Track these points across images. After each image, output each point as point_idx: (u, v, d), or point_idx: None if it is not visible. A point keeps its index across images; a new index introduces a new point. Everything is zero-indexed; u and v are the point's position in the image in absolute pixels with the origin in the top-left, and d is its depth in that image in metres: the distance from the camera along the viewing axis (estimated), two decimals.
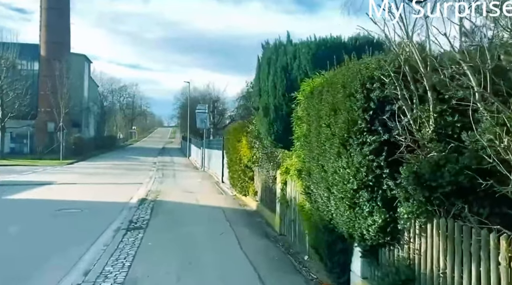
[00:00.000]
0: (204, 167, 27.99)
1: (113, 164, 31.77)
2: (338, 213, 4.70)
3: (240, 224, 9.64)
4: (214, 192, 16.43)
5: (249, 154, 11.78)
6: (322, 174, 4.97)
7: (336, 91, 4.50)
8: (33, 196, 13.66)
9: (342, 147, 4.30)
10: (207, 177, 23.24)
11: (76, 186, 17.47)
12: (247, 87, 49.27)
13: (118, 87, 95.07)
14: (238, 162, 12.99)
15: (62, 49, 43.97)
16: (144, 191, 15.49)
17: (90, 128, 63.36)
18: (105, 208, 11.76)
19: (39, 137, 41.30)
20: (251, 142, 11.56)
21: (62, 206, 11.64)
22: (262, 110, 7.90)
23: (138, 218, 9.89)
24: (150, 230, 8.73)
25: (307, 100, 5.76)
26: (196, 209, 11.51)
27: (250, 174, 12.28)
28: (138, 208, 11.30)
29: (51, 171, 25.60)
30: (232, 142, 13.83)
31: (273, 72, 7.65)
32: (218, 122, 47.10)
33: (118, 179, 20.38)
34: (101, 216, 10.39)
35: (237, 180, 13.46)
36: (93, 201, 12.87)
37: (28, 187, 16.06)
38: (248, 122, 11.95)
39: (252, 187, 12.15)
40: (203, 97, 48.27)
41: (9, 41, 35.40)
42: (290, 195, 8.24)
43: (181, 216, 10.30)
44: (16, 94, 33.83)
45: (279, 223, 8.99)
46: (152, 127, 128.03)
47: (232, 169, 14.25)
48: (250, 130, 11.49)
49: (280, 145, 7.99)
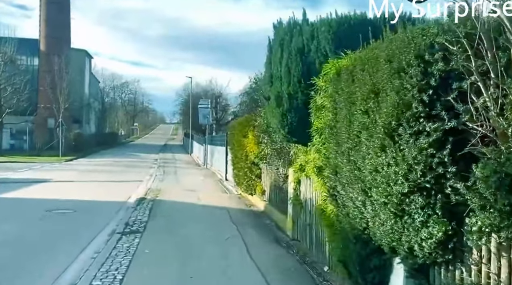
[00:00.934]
0: (206, 164, 27.08)
1: (113, 161, 30.91)
2: (377, 222, 3.76)
3: (248, 227, 8.72)
4: (217, 190, 15.52)
5: (256, 150, 10.85)
6: (355, 173, 4.03)
7: (377, 67, 3.55)
8: (24, 195, 12.77)
9: (387, 139, 3.35)
10: (210, 174, 22.34)
11: (72, 184, 16.57)
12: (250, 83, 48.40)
13: (120, 83, 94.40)
14: (244, 159, 12.06)
15: (62, 44, 43.03)
16: (143, 189, 14.58)
17: (91, 124, 62.48)
18: (101, 208, 10.86)
19: (39, 134, 40.42)
20: (258, 137, 10.62)
21: (54, 206, 10.75)
22: (274, 100, 6.95)
23: (135, 220, 8.98)
24: (148, 234, 7.82)
25: (333, 84, 4.82)
26: (199, 210, 10.60)
27: (257, 171, 11.35)
28: (135, 208, 10.39)
29: (48, 168, 24.73)
30: (237, 137, 12.89)
31: (286, 55, 6.69)
32: (221, 118, 46.17)
33: (117, 177, 19.49)
34: (95, 217, 9.49)
35: (242, 178, 12.53)
36: (88, 201, 11.97)
37: (21, 185, 15.17)
38: (255, 115, 11.01)
39: (259, 185, 11.22)
40: (206, 92, 47.32)
41: (6, 36, 34.40)
42: (305, 195, 7.31)
43: (182, 218, 9.38)
44: (14, 89, 32.96)
45: (292, 226, 8.07)
46: (154, 124, 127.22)
47: (237, 166, 13.32)
48: (258, 123, 10.54)
49: (294, 139, 7.04)
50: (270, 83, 7.14)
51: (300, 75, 6.54)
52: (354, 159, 4.04)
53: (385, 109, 3.33)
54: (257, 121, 10.68)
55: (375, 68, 3.56)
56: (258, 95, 10.34)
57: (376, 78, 3.56)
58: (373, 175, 3.65)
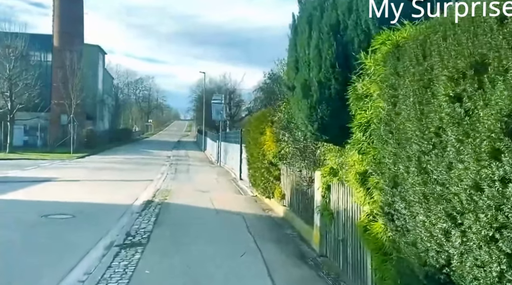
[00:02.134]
0: (220, 162, 25.99)
1: (125, 158, 30.10)
2: (470, 262, 2.51)
3: (267, 238, 7.52)
4: (231, 191, 14.36)
5: (275, 149, 9.63)
6: (432, 188, 2.78)
7: (486, 27, 2.28)
8: (23, 196, 11.81)
9: (506, 139, 2.09)
10: (223, 173, 21.23)
11: (77, 184, 15.62)
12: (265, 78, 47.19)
13: (134, 79, 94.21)
14: (260, 158, 10.85)
15: (75, 39, 42.51)
16: (152, 190, 13.52)
17: (105, 121, 62.10)
18: (103, 212, 9.80)
19: (53, 130, 39.99)
20: (277, 134, 9.40)
21: (52, 209, 9.73)
22: (300, 90, 5.69)
23: (139, 229, 7.86)
24: (151, 248, 6.68)
25: (390, 62, 3.56)
26: (211, 216, 9.42)
27: (276, 173, 10.14)
28: (141, 214, 9.28)
29: (58, 165, 23.97)
30: (253, 134, 11.69)
31: (316, 34, 5.43)
32: (235, 114, 45.03)
33: (127, 175, 18.52)
34: (94, 224, 8.42)
35: (259, 179, 11.33)
36: (90, 203, 10.94)
37: (23, 185, 14.27)
38: (273, 109, 9.77)
39: (278, 188, 10.01)
40: (219, 88, 46.22)
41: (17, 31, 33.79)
42: (337, 205, 6.07)
43: (192, 227, 8.22)
44: (25, 85, 32.32)
45: (319, 240, 6.84)
46: (169, 120, 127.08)
47: (253, 166, 12.12)
48: (277, 119, 9.32)
49: (325, 137, 5.79)
50: (295, 69, 5.88)
51: (334, 58, 5.28)
52: (430, 168, 2.79)
53: (506, 93, 2.06)
54: (275, 116, 9.46)
55: (480, 29, 2.29)
56: (278, 85, 9.08)
57: (482, 44, 2.29)
58: (469, 194, 2.39)
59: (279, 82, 9.30)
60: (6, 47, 31.03)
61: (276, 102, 9.94)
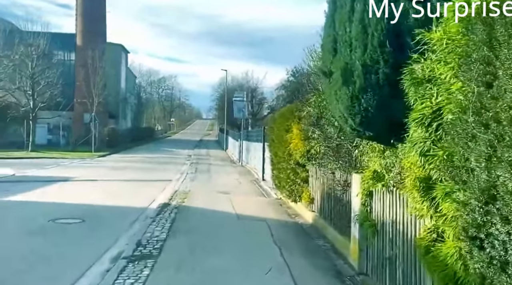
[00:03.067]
0: (241, 161, 25.15)
1: (146, 157, 29.65)
2: None
3: (295, 250, 6.56)
4: (254, 193, 13.46)
5: (303, 148, 8.65)
6: None
7: None
8: (35, 197, 11.21)
9: None
10: (245, 173, 20.36)
11: (94, 184, 15.02)
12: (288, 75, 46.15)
13: (157, 79, 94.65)
14: (286, 158, 9.89)
15: (98, 38, 42.53)
16: (170, 191, 12.75)
17: (128, 119, 62.29)
18: (115, 216, 9.04)
19: (76, 129, 40.06)
20: (306, 131, 8.43)
21: (62, 212, 9.06)
22: (339, 76, 4.70)
23: (151, 237, 7.03)
24: (163, 262, 5.82)
25: (481, 28, 2.54)
26: (232, 223, 8.51)
27: (303, 174, 9.15)
28: (155, 219, 8.47)
29: (77, 164, 23.63)
30: (278, 132, 10.74)
31: (360, 7, 4.42)
32: (257, 112, 44.12)
33: (145, 175, 17.88)
34: (103, 231, 7.65)
35: (284, 181, 10.36)
36: (104, 206, 10.23)
37: (38, 185, 13.74)
38: (301, 104, 8.78)
39: (306, 192, 9.02)
40: (241, 86, 45.41)
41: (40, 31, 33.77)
42: (382, 215, 5.07)
43: (210, 236, 7.32)
44: (47, 83, 32.29)
45: (358, 254, 5.83)
46: (191, 119, 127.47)
47: (277, 166, 11.17)
48: (305, 114, 8.34)
49: (369, 133, 4.78)
50: (333, 51, 4.88)
51: (384, 35, 4.27)
52: None
53: None
54: (304, 112, 8.47)
55: None
56: (309, 75, 8.06)
57: None
58: None
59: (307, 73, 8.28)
60: (28, 45, 31.00)
61: (304, 95, 8.93)
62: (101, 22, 45.50)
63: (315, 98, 7.65)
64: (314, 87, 8.07)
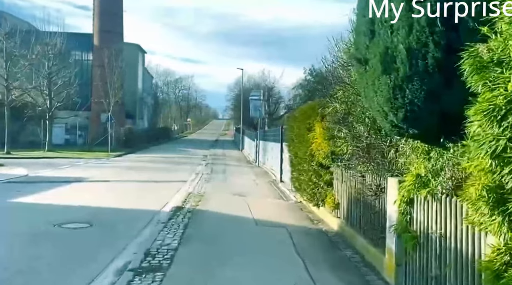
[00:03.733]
0: (258, 162, 24.46)
1: (161, 157, 29.27)
2: None
3: (321, 263, 5.84)
4: (272, 196, 12.76)
5: (327, 148, 7.92)
6: None
7: None
8: (43, 199, 10.75)
9: None
10: (262, 174, 19.68)
11: (107, 185, 14.56)
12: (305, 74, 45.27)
13: (174, 79, 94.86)
14: (307, 159, 9.16)
15: (115, 37, 42.48)
16: (184, 193, 12.16)
17: (144, 119, 62.36)
18: (125, 221, 8.47)
19: (93, 129, 40.05)
20: (330, 130, 7.70)
21: (70, 216, 8.55)
22: (377, 62, 3.98)
23: (161, 245, 6.41)
24: (173, 275, 5.18)
25: None
26: (250, 229, 7.82)
27: (327, 177, 8.41)
28: (166, 224, 7.86)
29: (92, 164, 23.33)
30: (299, 130, 10.02)
31: None
32: (274, 112, 43.37)
33: (160, 176, 17.37)
34: (111, 237, 7.08)
35: (305, 184, 9.63)
36: (114, 209, 9.70)
37: (50, 186, 13.36)
38: (327, 99, 8.04)
39: (330, 196, 8.28)
40: (257, 85, 44.73)
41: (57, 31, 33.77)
42: (426, 226, 4.31)
43: (226, 245, 6.65)
44: (63, 82, 32.22)
45: (394, 270, 5.08)
46: (207, 119, 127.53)
47: (297, 168, 10.44)
48: (330, 111, 7.60)
49: (414, 130, 4.05)
50: (369, 34, 4.15)
51: (433, 11, 3.54)
52: None
53: None
54: (328, 108, 7.74)
55: None
56: (334, 68, 7.30)
57: None
58: None
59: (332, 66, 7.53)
60: (45, 44, 30.96)
61: (328, 90, 8.19)
62: (118, 22, 45.55)
63: (342, 92, 6.93)
64: (340, 81, 7.34)
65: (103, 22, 43.92)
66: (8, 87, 28.72)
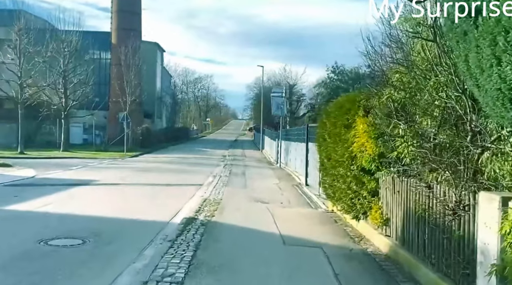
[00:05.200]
0: (280, 163, 22.88)
1: (178, 157, 28.06)
2: None
3: None
4: (298, 202, 11.18)
5: (374, 149, 6.32)
6: None
7: None
8: (42, 206, 9.45)
9: None
10: (284, 176, 18.10)
11: (115, 189, 13.26)
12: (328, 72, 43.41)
13: (193, 78, 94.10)
14: (345, 163, 7.54)
15: (132, 36, 41.53)
16: (199, 200, 10.73)
17: (163, 119, 61.52)
18: (126, 236, 7.07)
19: (111, 128, 39.18)
20: (378, 126, 6.11)
21: (64, 228, 7.25)
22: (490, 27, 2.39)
23: (163, 276, 4.92)
24: None
25: None
26: (277, 251, 6.25)
27: (372, 184, 6.79)
28: (173, 243, 6.38)
29: (105, 165, 22.22)
30: (333, 128, 8.41)
31: None
32: (295, 110, 41.65)
33: (174, 178, 16.04)
34: (102, 261, 5.64)
35: (341, 192, 8.01)
36: (116, 219, 8.35)
37: (53, 189, 12.15)
38: (373, 88, 6.41)
39: (375, 208, 6.66)
40: (278, 83, 43.10)
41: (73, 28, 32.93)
42: None
43: (246, 276, 5.10)
44: (78, 80, 31.37)
45: None
46: (226, 119, 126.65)
47: (330, 172, 8.82)
48: (379, 102, 5.99)
49: None
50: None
51: None
52: None
53: None
54: (377, 98, 6.12)
55: None
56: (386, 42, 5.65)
57: None
58: None
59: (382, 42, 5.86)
60: (60, 41, 30.14)
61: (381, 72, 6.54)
62: (136, 20, 44.73)
63: (399, 76, 5.31)
64: (395, 62, 5.72)
65: (121, 19, 43.19)
66: (22, 85, 27.96)
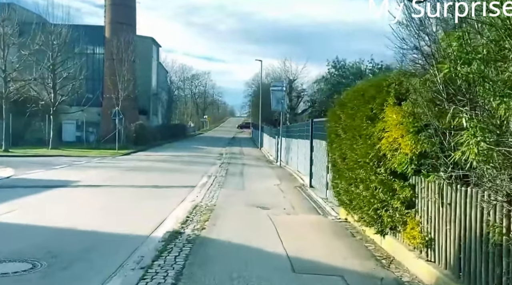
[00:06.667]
0: (280, 162, 21.37)
1: (173, 155, 26.55)
2: None
3: None
4: (303, 208, 9.66)
5: (413, 147, 4.79)
6: None
7: None
8: (2, 214, 7.92)
9: None
10: (286, 176, 16.58)
11: (95, 192, 11.73)
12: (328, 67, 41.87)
13: (190, 75, 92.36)
14: (369, 164, 6.02)
15: (127, 30, 39.83)
16: (188, 206, 9.21)
17: (159, 116, 59.88)
18: (90, 257, 5.54)
19: (104, 125, 37.51)
20: (419, 117, 4.59)
21: (19, 244, 5.79)
22: None
23: None
24: None
25: None
26: (284, 284, 4.73)
27: (406, 193, 5.26)
28: (148, 270, 4.84)
29: (93, 164, 20.66)
30: (350, 121, 6.89)
31: None
32: (295, 106, 40.09)
33: (165, 179, 14.53)
34: None
35: (362, 200, 6.46)
36: (87, 232, 6.84)
37: (23, 192, 10.64)
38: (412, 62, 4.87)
39: (412, 224, 5.14)
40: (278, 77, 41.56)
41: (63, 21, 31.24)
42: None
43: None
44: (68, 74, 29.73)
45: None
46: (224, 117, 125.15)
47: (346, 174, 7.28)
48: (425, 88, 4.45)
49: None
50: None
51: None
52: None
53: None
54: (413, 80, 4.59)
55: None
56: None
57: None
58: None
59: None
60: (48, 33, 28.47)
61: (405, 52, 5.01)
62: (130, 14, 43.02)
63: (457, 43, 3.76)
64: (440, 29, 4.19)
65: (114, 13, 41.50)
66: (6, 79, 26.30)
